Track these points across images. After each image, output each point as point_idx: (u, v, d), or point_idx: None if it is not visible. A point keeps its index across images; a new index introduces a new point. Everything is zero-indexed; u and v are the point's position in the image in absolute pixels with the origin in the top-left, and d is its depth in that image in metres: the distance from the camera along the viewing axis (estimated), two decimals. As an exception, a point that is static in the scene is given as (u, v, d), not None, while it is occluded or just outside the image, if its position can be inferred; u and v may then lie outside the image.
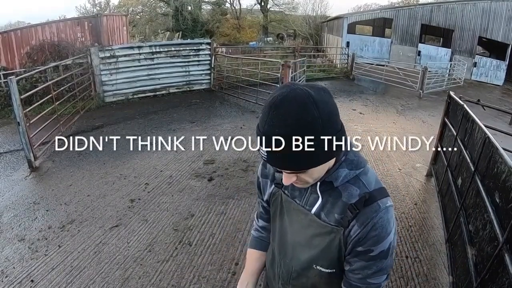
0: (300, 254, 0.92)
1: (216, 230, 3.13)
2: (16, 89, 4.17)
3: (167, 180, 4.10)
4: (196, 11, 22.79)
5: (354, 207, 0.80)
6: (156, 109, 7.35)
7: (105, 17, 11.96)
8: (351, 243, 0.82)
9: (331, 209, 0.84)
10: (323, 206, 0.86)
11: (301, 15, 25.69)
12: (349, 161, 0.84)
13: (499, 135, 3.97)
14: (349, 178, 0.83)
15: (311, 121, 0.69)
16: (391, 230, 0.80)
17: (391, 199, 0.83)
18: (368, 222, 0.79)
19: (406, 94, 10.27)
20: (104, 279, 2.51)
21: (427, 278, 2.60)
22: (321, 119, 0.70)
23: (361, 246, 0.81)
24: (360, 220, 0.80)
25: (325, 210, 0.85)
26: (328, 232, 0.85)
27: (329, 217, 0.85)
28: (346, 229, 0.82)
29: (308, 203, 0.89)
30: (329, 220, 0.84)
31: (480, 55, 16.37)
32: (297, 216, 0.92)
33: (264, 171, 1.05)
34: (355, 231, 0.80)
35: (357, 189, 0.82)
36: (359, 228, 0.80)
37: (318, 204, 0.87)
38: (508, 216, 1.64)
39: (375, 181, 0.84)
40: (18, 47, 9.23)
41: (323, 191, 0.86)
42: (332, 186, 0.84)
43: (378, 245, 0.80)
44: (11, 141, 5.50)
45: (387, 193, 0.83)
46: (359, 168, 0.84)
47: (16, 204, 3.58)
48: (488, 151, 2.17)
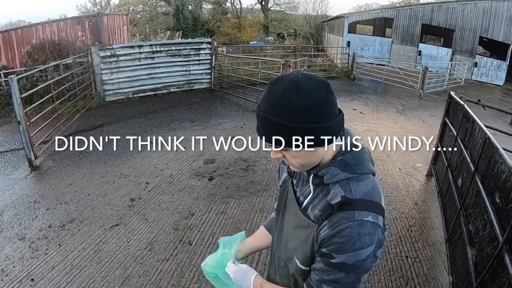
0: (288, 244, 0.94)
1: (216, 229, 3.13)
2: (16, 88, 4.17)
3: (167, 179, 4.10)
4: (196, 10, 22.79)
5: (331, 207, 0.79)
6: (157, 108, 7.35)
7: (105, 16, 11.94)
8: (318, 241, 0.82)
9: (317, 205, 0.85)
10: (313, 200, 0.87)
11: (301, 15, 25.68)
12: (344, 163, 0.83)
13: (499, 135, 3.96)
14: (339, 179, 0.82)
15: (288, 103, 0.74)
16: (361, 247, 0.75)
17: (379, 218, 0.78)
18: (336, 226, 0.77)
19: (406, 94, 10.27)
20: (104, 278, 2.51)
21: (427, 278, 2.60)
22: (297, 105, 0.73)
23: (325, 248, 0.79)
24: (331, 222, 0.78)
25: (312, 204, 0.87)
26: (305, 226, 0.86)
27: (312, 212, 0.86)
28: (319, 227, 0.82)
29: (304, 195, 0.91)
30: (312, 215, 0.85)
31: (480, 55, 16.35)
32: (291, 206, 0.95)
33: None
34: (324, 230, 0.80)
35: (342, 191, 0.80)
36: (327, 229, 0.79)
37: (309, 197, 0.88)
38: (508, 216, 1.64)
39: (365, 192, 0.80)
40: (19, 46, 9.23)
41: (316, 185, 0.87)
42: (322, 182, 0.84)
43: (340, 255, 0.76)
44: (12, 140, 5.50)
45: (375, 209, 0.78)
46: (353, 173, 0.82)
47: (16, 203, 3.58)
48: (489, 151, 2.17)
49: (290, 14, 26.16)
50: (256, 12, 27.63)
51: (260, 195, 3.76)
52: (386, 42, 17.03)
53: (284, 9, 26.70)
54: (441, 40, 18.85)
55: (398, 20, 16.39)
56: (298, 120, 0.74)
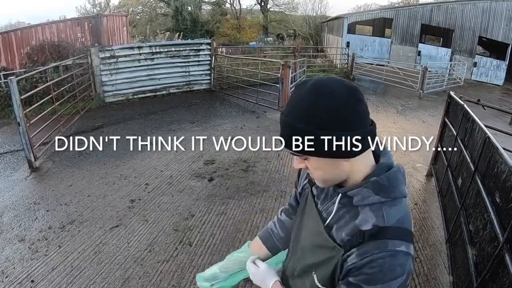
0: (305, 258, 0.90)
1: (216, 230, 3.13)
2: (16, 90, 4.17)
3: (167, 180, 4.10)
4: (196, 11, 22.79)
5: (361, 235, 0.74)
6: (156, 109, 7.35)
7: (105, 17, 11.95)
8: (345, 269, 0.77)
9: (343, 227, 0.80)
10: (338, 220, 0.81)
11: (301, 15, 25.67)
12: (378, 184, 0.76)
13: (499, 135, 3.96)
14: (371, 202, 0.76)
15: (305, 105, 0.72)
16: (392, 278, 0.71)
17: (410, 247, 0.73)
18: (367, 256, 0.72)
19: (406, 94, 10.27)
20: (105, 279, 2.51)
21: (428, 278, 2.60)
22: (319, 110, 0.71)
23: (353, 277, 0.75)
24: (360, 250, 0.74)
25: (338, 225, 0.81)
26: (329, 247, 0.81)
27: (337, 233, 0.80)
28: (346, 253, 0.77)
29: (327, 211, 0.85)
30: (337, 236, 0.80)
31: (480, 55, 16.36)
32: (312, 220, 0.89)
33: None
34: (352, 259, 0.75)
35: (374, 217, 0.75)
36: (356, 258, 0.74)
37: (331, 215, 0.83)
38: (508, 216, 1.64)
39: (398, 219, 0.75)
40: (18, 47, 9.23)
41: (342, 205, 0.81)
42: (351, 203, 0.79)
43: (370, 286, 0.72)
44: (11, 142, 5.50)
45: (408, 238, 0.74)
46: (387, 197, 0.76)
47: (16, 204, 3.58)
48: (488, 151, 2.17)
49: (290, 14, 26.17)
50: (255, 13, 27.64)
51: (260, 196, 3.76)
52: (385, 42, 17.04)
53: (284, 10, 26.71)
54: (440, 40, 18.85)
55: (397, 20, 16.40)
56: (316, 123, 0.71)
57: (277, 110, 6.99)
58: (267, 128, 6.17)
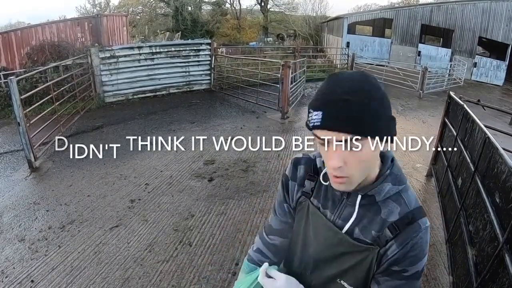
0: (325, 270, 0.87)
1: (216, 230, 3.13)
2: (16, 90, 4.17)
3: (167, 180, 4.10)
4: (196, 11, 22.79)
5: (395, 227, 0.77)
6: (156, 109, 7.35)
7: (105, 17, 11.95)
8: (386, 262, 0.78)
9: (368, 225, 0.80)
10: (359, 221, 0.81)
11: (301, 16, 25.67)
12: (394, 176, 0.80)
13: (499, 135, 3.96)
14: (391, 194, 0.79)
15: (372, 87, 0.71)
16: (427, 251, 0.78)
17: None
18: (408, 242, 0.76)
19: (406, 94, 10.27)
20: (104, 279, 2.50)
21: (427, 278, 2.60)
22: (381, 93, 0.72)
23: (397, 265, 0.77)
24: (399, 240, 0.76)
25: (360, 226, 0.81)
26: (359, 250, 0.80)
27: (364, 234, 0.80)
28: (382, 248, 0.78)
29: (342, 217, 0.83)
30: (364, 237, 0.80)
31: (480, 55, 16.36)
32: (325, 232, 0.85)
33: (294, 173, 0.93)
34: (392, 250, 0.77)
35: (397, 206, 0.78)
36: (397, 248, 0.76)
37: (353, 219, 0.81)
38: (508, 216, 1.64)
39: (415, 199, 0.81)
40: (18, 47, 9.23)
41: (362, 205, 0.81)
42: (373, 201, 0.79)
43: (414, 266, 0.77)
44: (11, 142, 5.50)
45: (424, 212, 0.80)
46: (401, 184, 0.80)
47: (16, 204, 3.58)
48: (488, 151, 2.17)
49: (290, 15, 26.16)
50: (255, 13, 27.64)
51: (260, 196, 3.76)
52: (385, 42, 17.04)
53: (284, 10, 26.71)
54: (440, 40, 18.85)
55: (397, 21, 16.41)
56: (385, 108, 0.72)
57: (277, 110, 7.00)
58: (267, 128, 6.17)
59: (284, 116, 6.77)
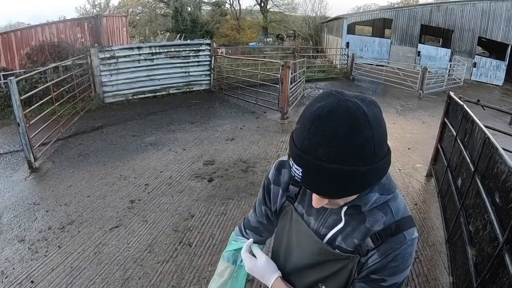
0: (307, 275, 0.87)
1: (216, 231, 3.13)
2: (16, 90, 4.17)
3: (167, 181, 4.10)
4: (195, 11, 22.81)
5: (378, 237, 0.74)
6: (156, 110, 7.35)
7: (105, 18, 11.95)
8: (366, 270, 0.77)
9: (351, 233, 0.78)
10: (343, 230, 0.80)
11: (300, 16, 25.72)
12: (382, 185, 0.76)
13: (499, 135, 3.97)
14: (378, 204, 0.76)
15: (362, 143, 0.60)
16: (410, 263, 0.75)
17: (415, 229, 0.77)
18: (390, 252, 0.74)
19: (405, 95, 10.28)
20: (104, 280, 2.50)
21: (427, 278, 2.60)
22: (373, 142, 0.61)
23: (376, 274, 0.76)
24: (381, 250, 0.74)
25: (343, 234, 0.79)
26: (339, 259, 0.80)
27: (346, 242, 0.79)
28: (363, 257, 0.77)
29: (326, 225, 0.82)
30: (346, 245, 0.79)
31: (479, 55, 16.38)
32: (306, 241, 0.85)
33: (277, 177, 0.92)
34: (373, 259, 0.75)
35: (383, 215, 0.76)
36: (379, 257, 0.75)
37: (337, 228, 0.80)
38: (508, 216, 1.64)
39: (403, 209, 0.77)
40: (18, 48, 9.23)
41: (349, 215, 0.79)
42: (359, 210, 0.77)
43: (393, 276, 0.75)
44: (11, 142, 5.50)
45: (413, 223, 0.77)
46: (390, 193, 0.77)
47: (16, 205, 3.58)
48: (488, 151, 2.17)
49: (289, 15, 26.21)
50: (255, 13, 27.69)
51: (260, 196, 3.75)
52: (385, 42, 17.06)
53: (283, 10, 26.77)
54: (440, 40, 18.89)
55: (397, 21, 16.43)
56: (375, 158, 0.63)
57: (277, 111, 7.00)
58: (267, 129, 6.17)
59: (284, 117, 6.78)
